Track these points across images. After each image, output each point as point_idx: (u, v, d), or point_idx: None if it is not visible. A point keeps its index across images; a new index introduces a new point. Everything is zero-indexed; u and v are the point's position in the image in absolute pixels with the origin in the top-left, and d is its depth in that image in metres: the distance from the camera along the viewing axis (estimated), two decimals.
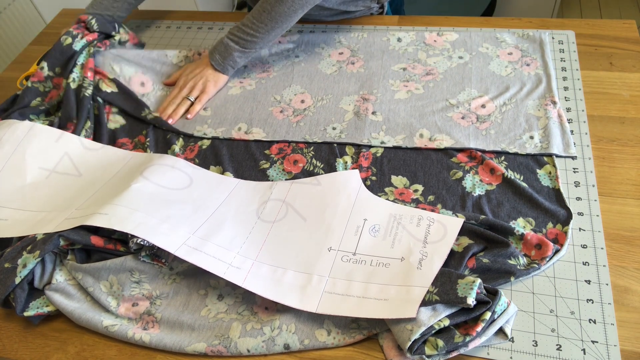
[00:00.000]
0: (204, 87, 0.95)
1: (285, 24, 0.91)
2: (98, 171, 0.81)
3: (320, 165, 0.81)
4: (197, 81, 0.95)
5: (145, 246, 0.66)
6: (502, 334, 0.59)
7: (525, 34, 0.98)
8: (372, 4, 1.07)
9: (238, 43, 0.93)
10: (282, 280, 0.65)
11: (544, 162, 0.77)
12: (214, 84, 0.96)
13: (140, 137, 0.90)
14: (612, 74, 0.89)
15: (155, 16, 1.18)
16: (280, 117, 0.90)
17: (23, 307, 0.65)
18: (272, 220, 0.72)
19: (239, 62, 0.96)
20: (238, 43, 0.93)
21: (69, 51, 0.95)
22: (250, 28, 0.91)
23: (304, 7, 0.90)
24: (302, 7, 0.89)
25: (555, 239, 0.68)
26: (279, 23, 0.90)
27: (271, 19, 0.89)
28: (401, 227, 0.69)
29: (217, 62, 0.95)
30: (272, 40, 0.94)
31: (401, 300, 0.59)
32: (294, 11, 0.89)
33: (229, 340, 0.61)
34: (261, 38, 0.92)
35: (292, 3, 0.88)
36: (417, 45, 1.00)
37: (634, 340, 0.58)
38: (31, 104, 0.92)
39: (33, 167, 0.81)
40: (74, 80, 0.92)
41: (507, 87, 0.89)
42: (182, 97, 0.94)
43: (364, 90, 0.93)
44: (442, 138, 0.82)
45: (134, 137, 0.90)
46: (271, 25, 0.90)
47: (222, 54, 0.94)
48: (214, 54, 0.95)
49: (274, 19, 0.89)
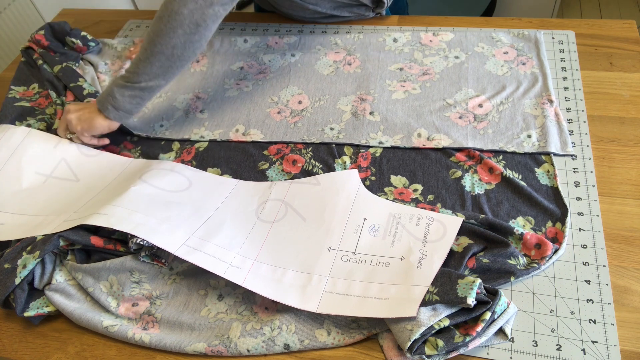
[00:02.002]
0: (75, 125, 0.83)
1: (166, 48, 0.75)
2: (96, 176, 0.81)
3: (319, 165, 0.81)
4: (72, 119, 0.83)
5: (145, 246, 0.66)
6: (502, 334, 0.59)
7: (520, 33, 0.98)
8: (367, 12, 1.07)
9: (122, 77, 0.79)
10: (282, 280, 0.65)
11: (542, 161, 0.77)
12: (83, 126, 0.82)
13: (125, 143, 0.90)
14: (612, 74, 0.89)
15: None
16: (278, 119, 0.90)
17: (23, 308, 0.65)
18: (272, 221, 0.72)
19: (119, 101, 0.79)
20: (122, 77, 0.79)
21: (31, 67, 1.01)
22: (135, 59, 0.78)
23: (184, 27, 0.74)
24: (181, 26, 0.74)
25: (554, 237, 0.68)
26: (157, 45, 0.75)
27: (149, 41, 0.76)
28: (401, 226, 0.69)
29: (99, 97, 0.82)
30: (161, 74, 0.78)
31: (402, 299, 0.59)
32: (172, 29, 0.74)
33: (229, 340, 0.61)
34: (143, 68, 0.77)
35: (168, 19, 0.74)
36: (413, 46, 1.00)
37: (634, 340, 0.58)
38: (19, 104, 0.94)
39: (29, 172, 0.81)
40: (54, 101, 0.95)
41: (503, 86, 0.89)
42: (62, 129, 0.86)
43: (361, 91, 0.93)
44: (440, 138, 0.82)
45: (119, 143, 0.90)
46: (150, 49, 0.76)
47: (106, 88, 0.82)
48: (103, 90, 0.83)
49: (152, 40, 0.75)
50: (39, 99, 0.97)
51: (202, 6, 0.74)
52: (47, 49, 1.03)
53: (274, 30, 1.09)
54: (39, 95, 0.98)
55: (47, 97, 0.97)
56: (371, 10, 1.06)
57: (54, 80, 0.98)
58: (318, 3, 1.01)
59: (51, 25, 1.05)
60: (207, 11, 0.75)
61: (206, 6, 0.75)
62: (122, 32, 1.15)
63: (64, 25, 1.05)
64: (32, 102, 0.96)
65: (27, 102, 0.96)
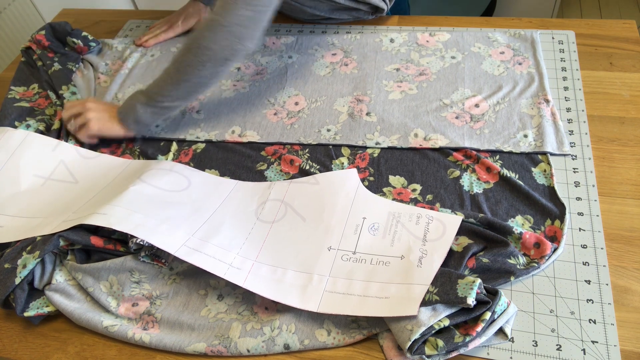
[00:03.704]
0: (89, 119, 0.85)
1: (194, 77, 0.79)
2: (95, 178, 0.81)
3: (317, 166, 0.81)
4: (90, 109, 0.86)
5: (145, 246, 0.66)
6: (502, 334, 0.59)
7: (516, 33, 0.98)
8: (366, 15, 1.07)
9: (145, 94, 0.83)
10: (282, 280, 0.65)
11: (539, 161, 0.77)
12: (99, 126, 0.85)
13: (127, 143, 0.90)
14: (612, 74, 0.89)
15: (156, 16, 1.18)
16: (274, 120, 0.90)
17: (23, 308, 0.65)
18: (271, 221, 0.72)
19: (141, 116, 0.83)
20: (145, 94, 0.83)
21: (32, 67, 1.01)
22: (159, 79, 0.82)
23: (213, 61, 0.77)
24: (210, 60, 0.77)
25: (553, 236, 0.68)
26: (186, 75, 0.79)
27: (177, 70, 0.79)
28: (400, 225, 0.69)
29: (121, 108, 0.85)
30: (185, 97, 0.82)
31: (402, 298, 0.59)
32: (201, 63, 0.77)
33: (229, 340, 0.61)
34: (168, 91, 0.81)
35: (198, 52, 0.76)
36: (410, 46, 1.00)
37: (634, 340, 0.58)
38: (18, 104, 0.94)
39: (28, 175, 0.81)
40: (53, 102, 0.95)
41: (499, 86, 0.89)
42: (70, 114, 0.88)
43: (357, 92, 0.93)
44: (437, 138, 0.82)
45: (121, 143, 0.90)
46: (177, 77, 0.79)
47: (127, 100, 0.85)
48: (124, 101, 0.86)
49: (180, 69, 0.79)
50: (39, 100, 0.97)
51: (232, 43, 0.77)
52: (48, 49, 1.04)
53: (273, 30, 1.09)
54: (39, 95, 0.98)
55: (47, 97, 0.97)
56: (370, 14, 1.06)
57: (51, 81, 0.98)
58: (316, 6, 1.01)
59: (52, 26, 1.05)
60: (236, 47, 0.77)
61: (236, 42, 0.77)
62: (122, 32, 1.15)
63: (65, 26, 1.05)
64: (31, 103, 0.96)
65: (27, 102, 0.96)
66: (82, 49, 1.06)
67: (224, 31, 0.76)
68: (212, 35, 0.76)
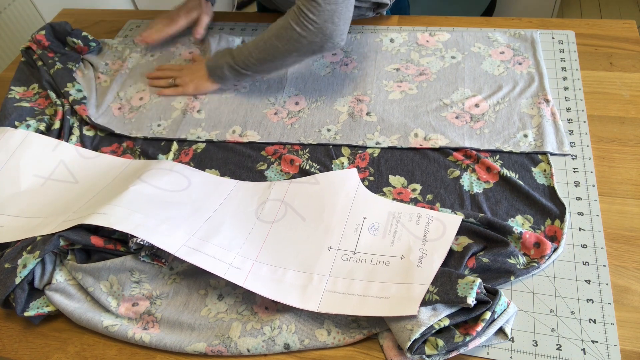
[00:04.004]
0: (186, 83, 0.96)
1: (277, 61, 0.85)
2: (95, 178, 0.81)
3: (317, 166, 0.81)
4: (184, 75, 0.96)
5: (145, 246, 0.66)
6: (502, 333, 0.59)
7: (516, 33, 0.98)
8: (368, 12, 1.07)
9: (234, 57, 0.89)
10: (282, 280, 0.65)
11: (539, 160, 0.77)
12: (194, 87, 0.95)
13: (128, 143, 0.90)
14: (612, 74, 0.89)
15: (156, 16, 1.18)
16: (275, 120, 0.90)
17: (23, 308, 0.65)
18: (271, 221, 0.72)
19: (227, 75, 0.91)
20: (234, 57, 0.89)
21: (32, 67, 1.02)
22: (250, 48, 0.87)
23: (300, 52, 0.82)
24: (298, 51, 0.82)
25: (553, 235, 0.68)
26: (270, 56, 0.84)
27: (265, 50, 0.84)
28: (400, 225, 0.69)
29: (209, 63, 0.93)
30: (266, 72, 0.90)
31: (402, 298, 0.59)
32: (288, 51, 0.82)
33: (229, 340, 0.61)
34: (253, 63, 0.87)
35: (287, 42, 0.81)
36: (410, 46, 1.00)
37: (634, 340, 0.58)
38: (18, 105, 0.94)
39: (28, 175, 0.81)
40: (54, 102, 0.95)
41: (499, 86, 0.89)
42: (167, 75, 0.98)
43: (358, 91, 0.93)
44: (437, 138, 0.82)
45: (121, 142, 0.90)
46: (264, 55, 0.85)
47: (217, 59, 0.92)
48: (213, 55, 0.94)
49: (267, 50, 0.84)
50: (39, 100, 0.97)
51: (322, 40, 0.80)
52: (48, 49, 1.03)
53: None
54: (39, 95, 0.98)
55: (47, 97, 0.97)
56: (371, 10, 1.06)
57: (52, 81, 0.98)
58: None
59: (52, 26, 1.05)
60: (326, 45, 0.81)
61: (326, 40, 0.80)
62: (122, 32, 1.15)
63: (65, 26, 1.05)
64: (31, 103, 0.96)
65: (27, 102, 0.96)
66: (82, 49, 1.06)
67: (315, 28, 0.78)
68: (301, 31, 0.79)
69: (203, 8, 1.07)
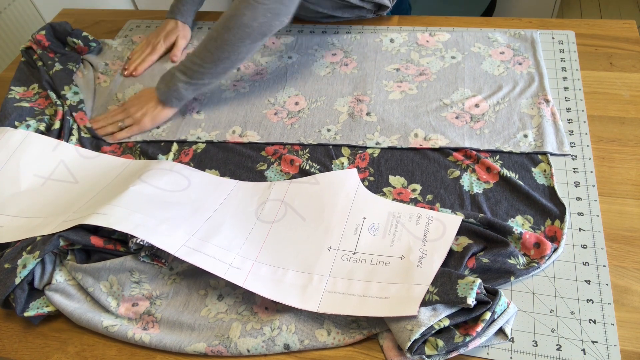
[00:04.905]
0: (140, 119, 0.89)
1: (233, 55, 0.83)
2: (95, 178, 0.81)
3: (317, 166, 0.81)
4: (134, 112, 0.90)
5: (145, 246, 0.66)
6: (502, 334, 0.59)
7: (516, 33, 0.98)
8: (368, 14, 1.07)
9: (185, 73, 0.86)
10: (282, 280, 0.65)
11: (539, 161, 0.77)
12: (151, 119, 0.89)
13: (128, 143, 0.90)
14: (612, 74, 0.89)
15: (156, 16, 1.18)
16: (275, 120, 0.90)
17: (23, 308, 0.65)
18: (271, 221, 0.72)
19: (184, 94, 0.88)
20: (185, 73, 0.86)
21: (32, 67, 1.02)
22: (197, 57, 0.85)
23: (252, 37, 0.81)
24: (250, 37, 0.81)
25: (553, 236, 0.68)
26: (225, 52, 0.83)
27: (217, 48, 0.83)
28: (400, 225, 0.69)
29: (161, 91, 0.89)
30: (222, 73, 0.87)
31: (402, 298, 0.59)
32: (241, 40, 0.81)
33: (229, 341, 0.61)
34: (208, 68, 0.85)
35: (238, 30, 0.80)
36: (410, 46, 1.00)
37: (634, 340, 0.58)
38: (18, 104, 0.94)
39: (28, 175, 0.81)
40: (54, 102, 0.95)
41: (500, 86, 0.89)
42: (114, 120, 0.91)
43: (357, 92, 0.93)
44: (437, 138, 0.82)
45: (121, 142, 0.90)
46: (217, 55, 0.83)
47: (167, 83, 0.88)
48: (160, 83, 0.89)
49: (220, 47, 0.82)
50: (39, 100, 0.97)
51: (270, 19, 0.80)
52: (48, 50, 1.03)
53: None
54: (39, 95, 0.98)
55: (47, 97, 0.97)
56: (372, 12, 1.06)
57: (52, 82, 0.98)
58: (319, 3, 1.01)
59: (52, 26, 1.05)
60: (274, 23, 0.81)
61: (274, 18, 0.80)
62: (122, 32, 1.15)
63: (65, 26, 1.05)
64: (31, 103, 0.96)
65: (27, 102, 0.96)
66: (82, 49, 1.06)
67: (263, 9, 0.79)
68: (251, 13, 0.79)
69: (179, 31, 1.07)
